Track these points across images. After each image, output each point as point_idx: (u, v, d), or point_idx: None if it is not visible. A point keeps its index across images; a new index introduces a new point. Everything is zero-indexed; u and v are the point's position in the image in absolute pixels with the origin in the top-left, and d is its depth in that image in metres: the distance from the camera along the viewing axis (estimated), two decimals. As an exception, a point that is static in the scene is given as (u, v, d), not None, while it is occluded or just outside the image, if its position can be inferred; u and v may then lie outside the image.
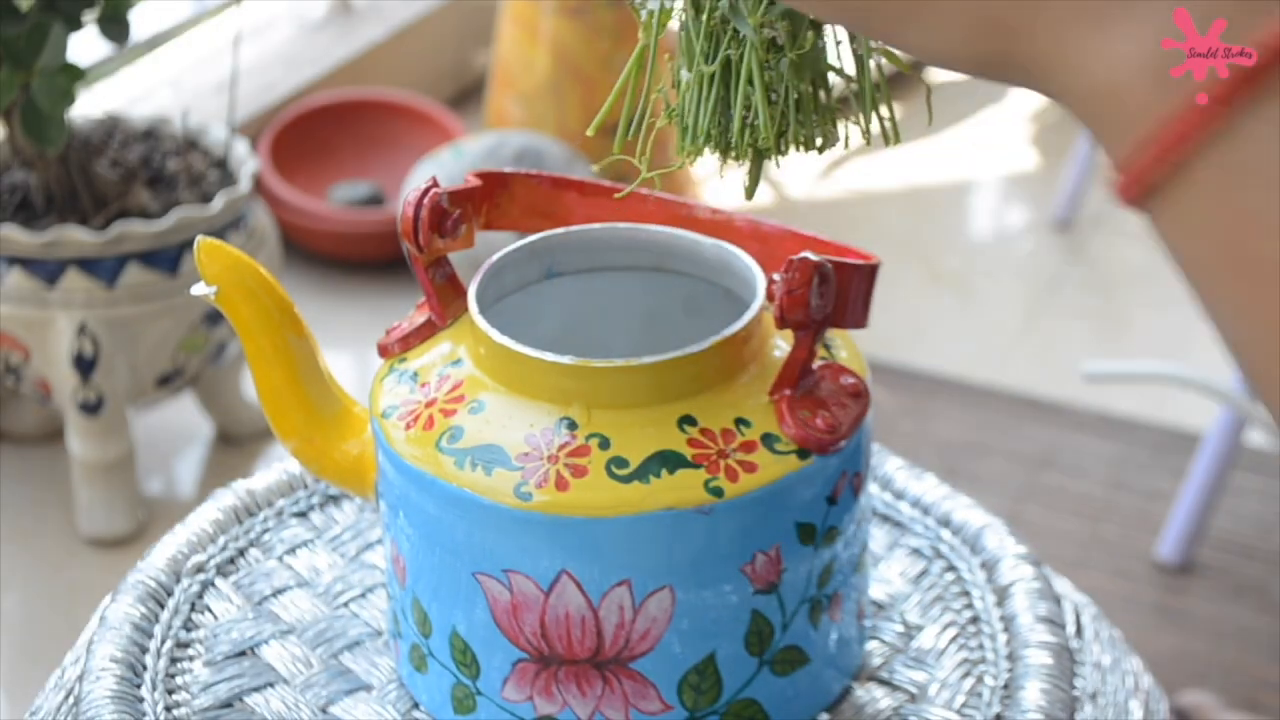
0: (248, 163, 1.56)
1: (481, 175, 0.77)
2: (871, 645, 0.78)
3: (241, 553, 0.85)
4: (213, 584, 0.82)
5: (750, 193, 0.63)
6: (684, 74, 0.62)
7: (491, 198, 0.77)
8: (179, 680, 0.77)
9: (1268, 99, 0.41)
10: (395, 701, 0.76)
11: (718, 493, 0.66)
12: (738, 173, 0.64)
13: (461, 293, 0.75)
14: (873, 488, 0.87)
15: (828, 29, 0.61)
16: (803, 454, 0.68)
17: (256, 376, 0.75)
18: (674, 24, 0.63)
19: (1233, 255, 0.42)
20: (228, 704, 0.76)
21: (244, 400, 1.71)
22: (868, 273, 0.70)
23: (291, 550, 0.85)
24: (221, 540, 0.85)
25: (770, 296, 0.68)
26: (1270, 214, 0.41)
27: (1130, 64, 0.42)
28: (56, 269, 1.46)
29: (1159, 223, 0.44)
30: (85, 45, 1.54)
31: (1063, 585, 0.83)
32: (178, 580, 0.82)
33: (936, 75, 2.34)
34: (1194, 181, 0.42)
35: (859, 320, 0.70)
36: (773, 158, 0.63)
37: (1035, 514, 1.85)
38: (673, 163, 0.64)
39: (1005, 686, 0.75)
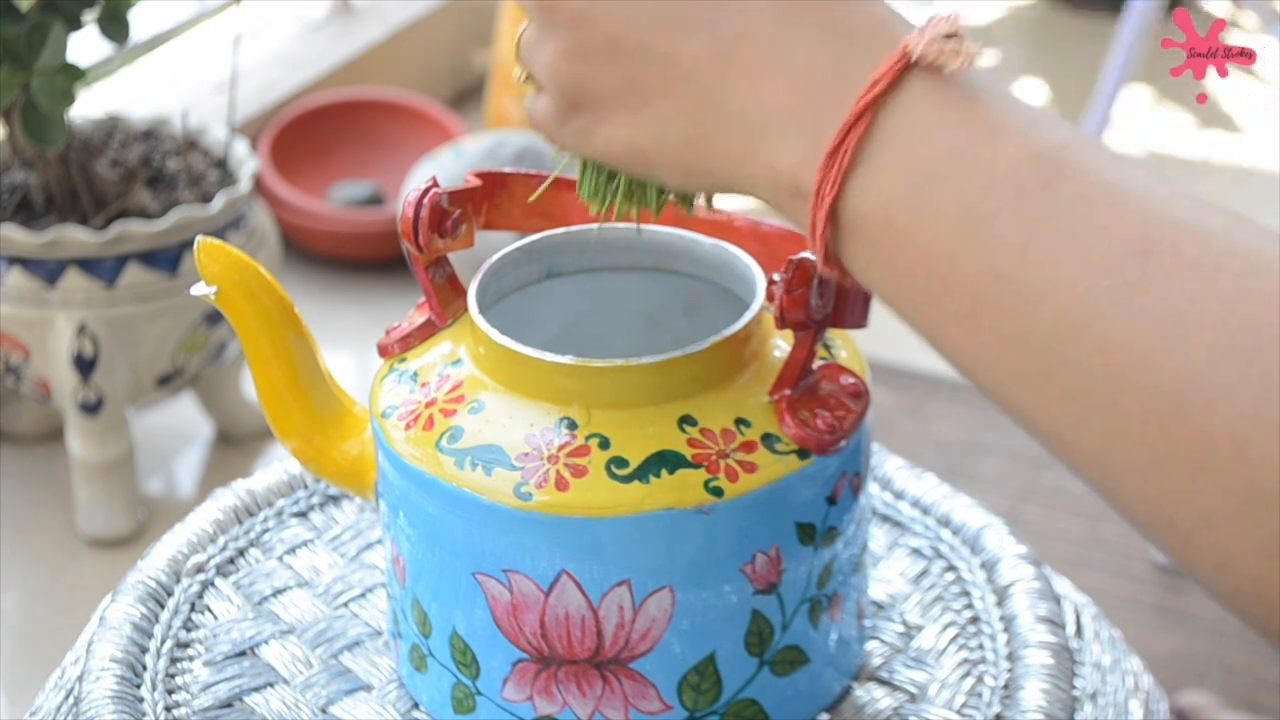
0: (248, 163, 1.56)
1: (481, 175, 0.77)
2: (871, 645, 0.78)
3: (241, 553, 0.85)
4: (213, 584, 0.82)
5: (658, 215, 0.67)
6: None
7: (491, 198, 0.77)
8: (179, 680, 0.77)
9: (862, 170, 0.52)
10: (395, 701, 0.76)
11: (718, 493, 0.66)
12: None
13: (461, 293, 0.75)
14: (873, 488, 0.87)
15: None
16: (803, 454, 0.68)
17: (256, 376, 0.75)
18: None
19: (886, 293, 0.54)
20: (228, 704, 0.76)
21: (244, 400, 1.71)
22: (867, 273, 0.70)
23: (291, 550, 0.85)
24: (221, 540, 0.85)
25: (770, 296, 0.68)
26: (897, 262, 0.52)
27: (784, 175, 0.54)
28: (56, 269, 1.46)
29: (857, 278, 0.55)
30: (85, 45, 1.54)
31: (1063, 585, 0.83)
32: (178, 580, 0.82)
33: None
34: (847, 250, 0.54)
35: (859, 320, 0.70)
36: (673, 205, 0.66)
37: (1035, 514, 1.85)
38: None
39: (1005, 686, 0.75)
